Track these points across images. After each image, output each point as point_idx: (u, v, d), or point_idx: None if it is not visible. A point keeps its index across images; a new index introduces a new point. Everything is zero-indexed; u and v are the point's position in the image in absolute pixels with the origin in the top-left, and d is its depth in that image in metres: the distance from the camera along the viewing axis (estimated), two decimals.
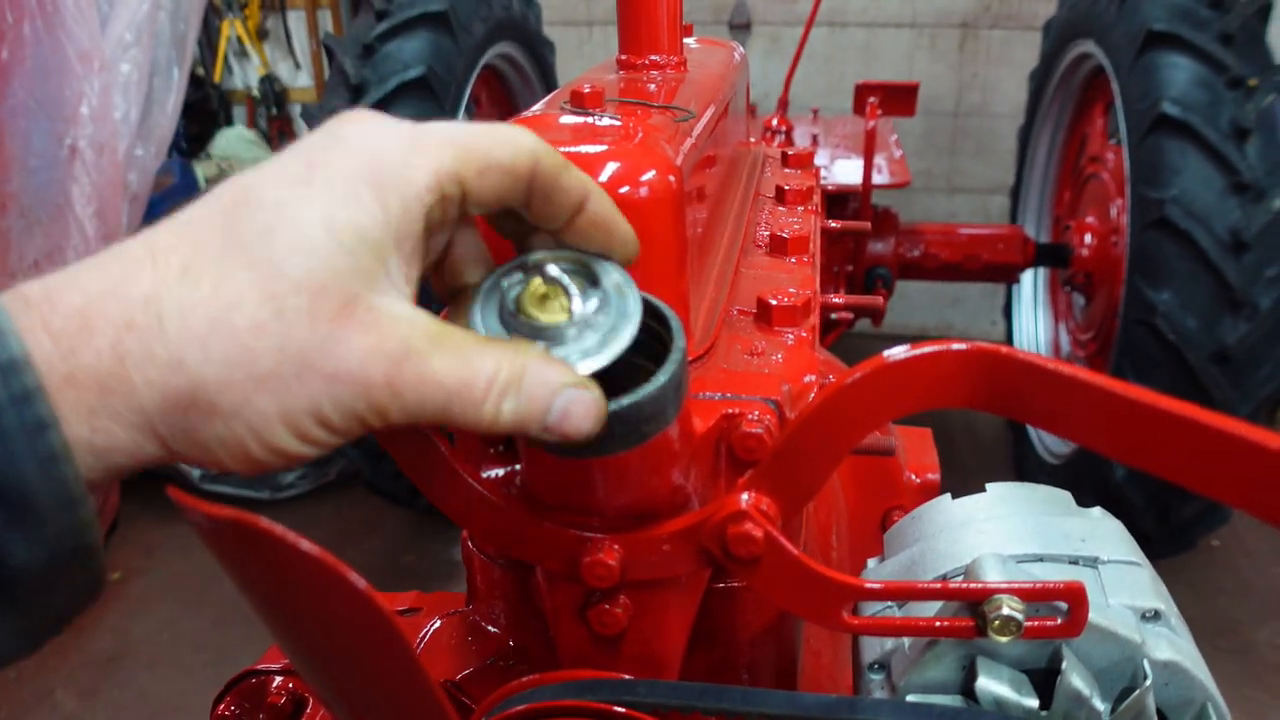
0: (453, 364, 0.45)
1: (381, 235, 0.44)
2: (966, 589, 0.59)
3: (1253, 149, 2.39)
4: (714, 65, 1.08)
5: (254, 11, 5.14)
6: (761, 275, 0.90)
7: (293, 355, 0.42)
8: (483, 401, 0.46)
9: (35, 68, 3.05)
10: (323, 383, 0.43)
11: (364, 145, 0.46)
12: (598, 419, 0.50)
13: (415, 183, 0.46)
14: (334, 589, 0.39)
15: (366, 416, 0.44)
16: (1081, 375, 0.56)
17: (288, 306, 0.42)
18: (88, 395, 0.40)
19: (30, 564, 0.39)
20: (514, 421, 0.47)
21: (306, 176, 0.45)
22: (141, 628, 2.97)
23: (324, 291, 0.42)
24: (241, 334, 0.41)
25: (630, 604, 0.66)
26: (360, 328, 0.43)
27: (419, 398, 0.45)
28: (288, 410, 0.43)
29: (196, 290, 0.42)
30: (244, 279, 0.42)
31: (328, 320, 0.43)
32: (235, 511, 0.39)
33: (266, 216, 0.43)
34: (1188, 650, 0.65)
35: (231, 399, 0.42)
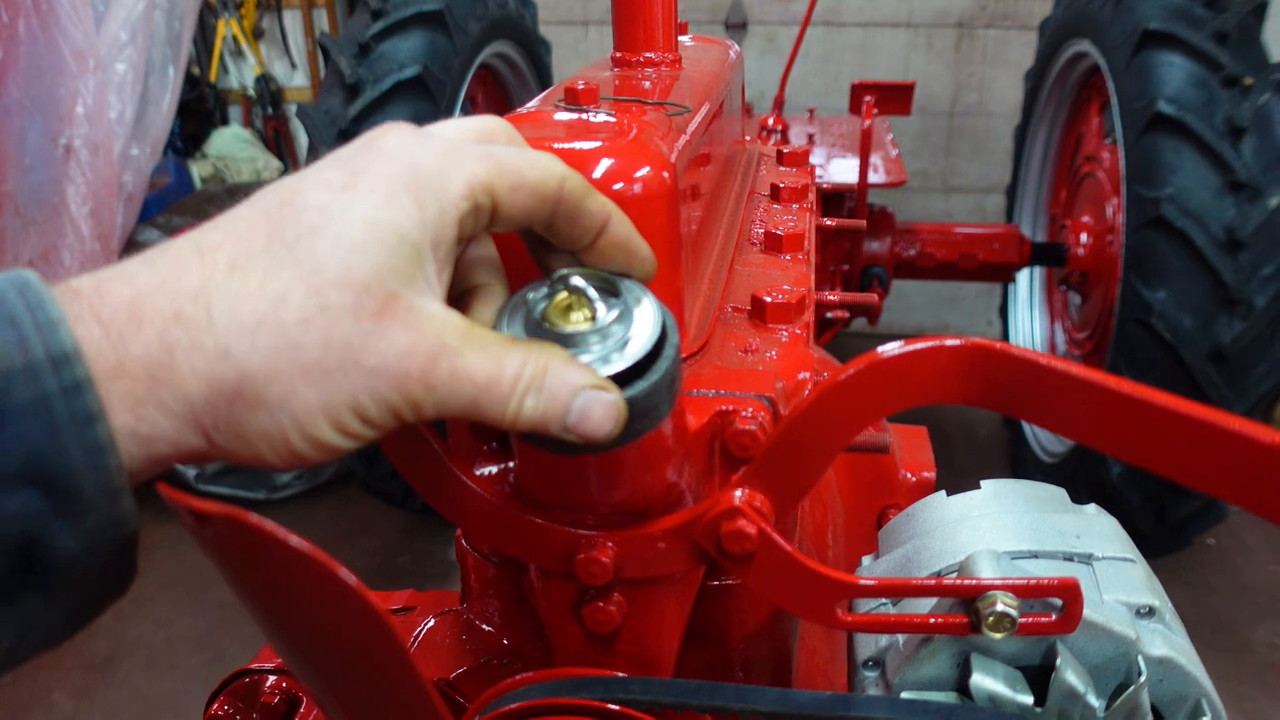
0: (483, 361, 0.47)
1: (419, 237, 0.46)
2: (960, 585, 0.59)
3: (1248, 148, 2.39)
4: (709, 63, 1.08)
5: (249, 11, 5.13)
6: (756, 272, 0.90)
7: (337, 348, 0.44)
8: (508, 398, 0.48)
9: (30, 67, 3.04)
10: (364, 376, 0.44)
11: (403, 154, 0.48)
12: (617, 421, 0.51)
13: (451, 190, 0.48)
14: (324, 585, 0.39)
15: (401, 409, 0.46)
16: (1076, 370, 0.56)
17: (332, 302, 0.44)
18: (135, 385, 0.41)
19: (73, 553, 0.40)
20: (535, 419, 0.49)
21: (348, 182, 0.46)
22: (138, 628, 2.96)
23: (367, 289, 0.44)
24: (288, 327, 0.43)
25: (624, 601, 0.66)
26: (401, 324, 0.45)
27: (450, 392, 0.47)
28: (329, 402, 0.44)
29: (244, 285, 0.43)
30: (290, 275, 0.44)
31: (371, 316, 0.44)
32: (225, 507, 0.38)
33: (311, 217, 0.45)
34: (1182, 646, 0.65)
35: (278, 390, 0.43)
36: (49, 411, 0.38)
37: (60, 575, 0.40)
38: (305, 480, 3.64)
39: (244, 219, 0.46)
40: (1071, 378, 0.56)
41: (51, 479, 0.39)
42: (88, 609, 0.43)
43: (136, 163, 3.55)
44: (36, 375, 0.38)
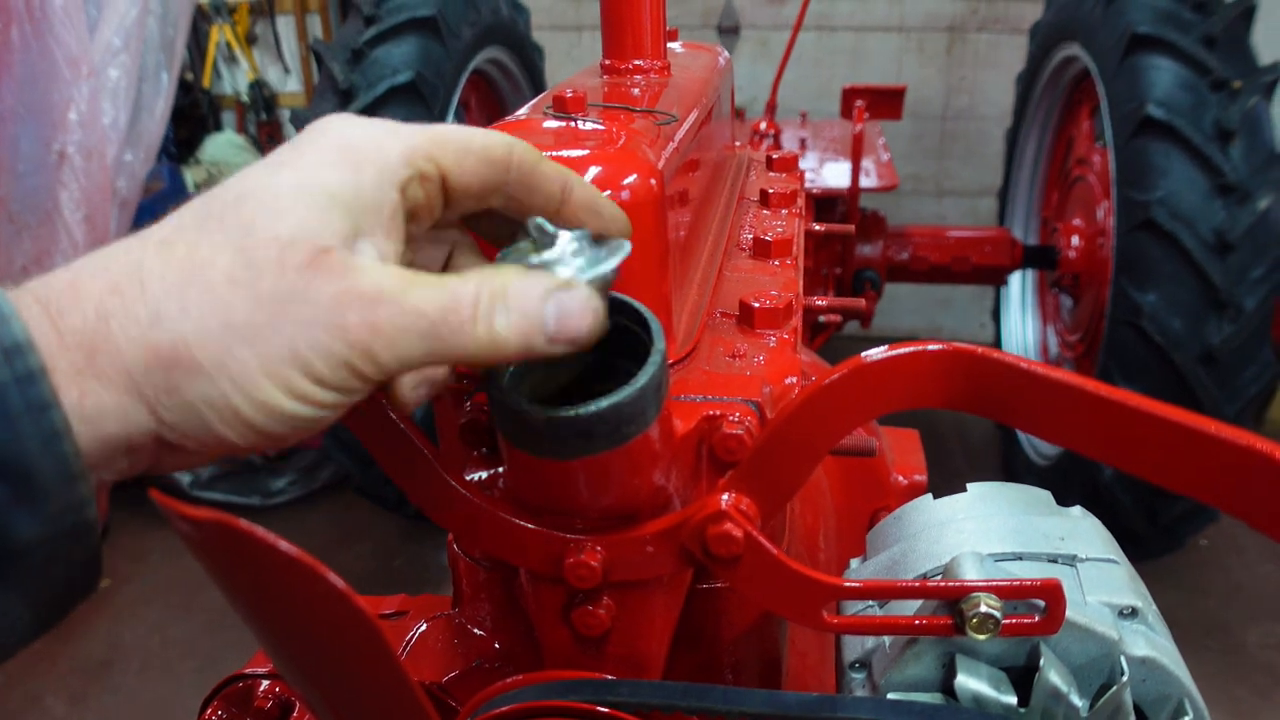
0: (431, 294, 0.46)
1: (352, 198, 0.47)
2: (944, 587, 0.60)
3: (1237, 151, 2.41)
4: (698, 69, 1.09)
5: (243, 17, 5.14)
6: (744, 278, 0.90)
7: (266, 303, 0.43)
8: (471, 321, 0.47)
9: (23, 73, 3.04)
10: (299, 328, 0.44)
11: (342, 131, 0.49)
12: (596, 313, 0.50)
13: (389, 155, 0.48)
14: (313, 590, 0.40)
15: (353, 361, 0.45)
16: (1059, 375, 0.57)
17: (257, 258, 0.44)
18: (75, 356, 0.41)
19: (33, 540, 0.40)
20: (514, 336, 0.48)
21: (283, 160, 0.48)
22: (131, 633, 2.96)
23: (292, 243, 0.44)
24: (216, 287, 0.43)
25: (613, 605, 0.66)
26: (331, 274, 0.45)
27: (400, 329, 0.45)
28: (268, 359, 0.43)
29: (173, 254, 0.44)
30: (218, 240, 0.44)
31: (296, 269, 0.44)
32: (215, 513, 0.39)
33: (239, 189, 0.46)
34: (1165, 647, 0.66)
35: (212, 351, 0.43)
36: (4, 401, 0.39)
37: (21, 564, 0.40)
38: (301, 486, 3.64)
39: (184, 209, 0.47)
40: (1052, 382, 0.57)
41: (8, 466, 0.39)
42: (54, 604, 0.43)
43: (130, 168, 3.55)
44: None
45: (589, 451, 0.55)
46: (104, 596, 3.13)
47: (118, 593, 3.15)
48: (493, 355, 0.48)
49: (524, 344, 0.48)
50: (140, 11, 3.42)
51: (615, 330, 0.59)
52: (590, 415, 0.53)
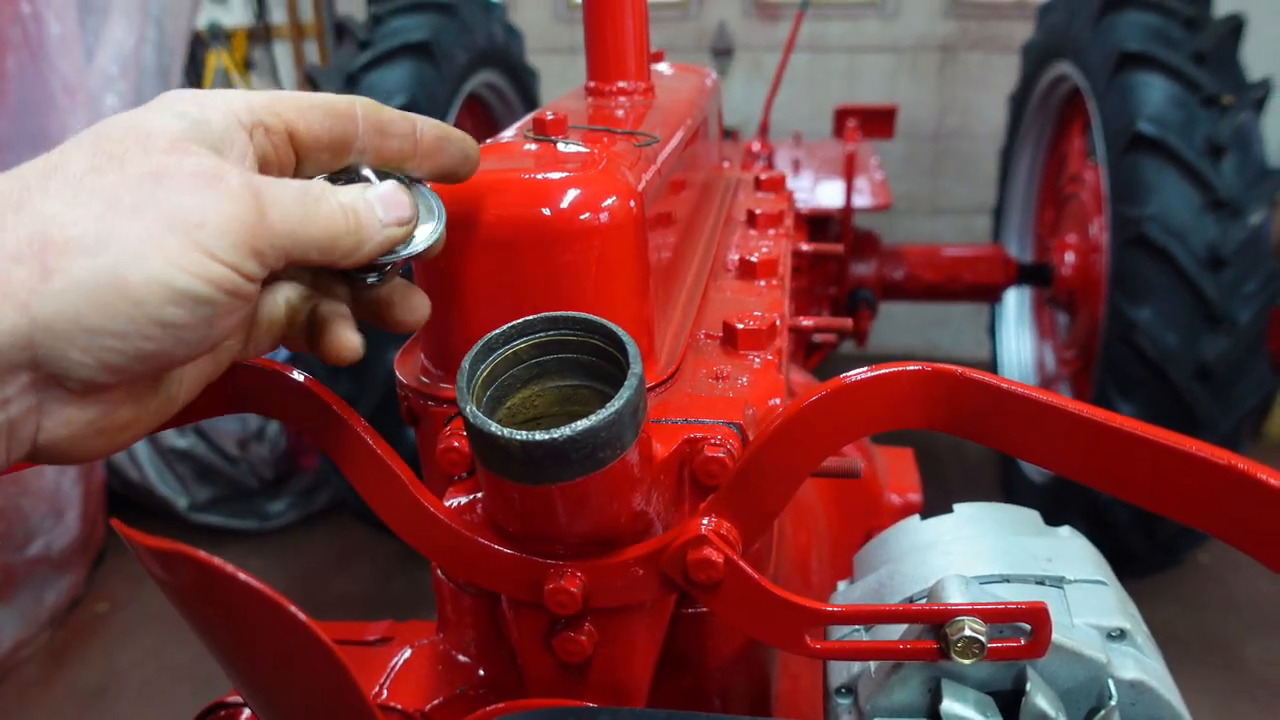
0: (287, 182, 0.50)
1: (206, 130, 0.48)
2: (928, 611, 0.59)
3: (1228, 166, 2.41)
4: (683, 91, 1.09)
5: (240, 43, 5.16)
6: (729, 299, 0.90)
7: (135, 179, 0.43)
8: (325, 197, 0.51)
9: (20, 101, 3.05)
10: (183, 194, 0.43)
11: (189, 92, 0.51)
12: (409, 194, 0.57)
13: (231, 102, 0.50)
14: (274, 621, 0.39)
15: (244, 233, 0.45)
16: (1039, 396, 0.56)
17: (116, 149, 0.44)
18: None
19: None
20: (357, 208, 0.52)
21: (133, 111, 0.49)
22: (128, 659, 2.94)
23: (150, 136, 0.45)
24: (80, 176, 0.42)
25: (595, 631, 0.66)
26: (198, 154, 0.46)
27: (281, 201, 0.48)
28: (155, 230, 0.42)
29: (28, 165, 0.43)
30: (70, 148, 0.44)
31: (163, 151, 0.45)
32: (176, 545, 0.38)
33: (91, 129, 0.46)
34: (1155, 669, 0.65)
35: (90, 227, 0.41)
36: None
37: None
38: (298, 509, 3.63)
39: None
40: (1034, 403, 0.56)
41: None
42: None
43: None
44: None
45: (566, 477, 0.55)
46: (101, 621, 3.11)
47: (114, 617, 3.13)
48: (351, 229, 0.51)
49: (369, 220, 0.53)
50: (137, 39, 3.44)
51: (592, 353, 0.59)
52: (565, 439, 0.52)
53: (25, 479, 2.90)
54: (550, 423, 0.59)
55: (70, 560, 3.13)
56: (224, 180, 0.45)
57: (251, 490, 3.62)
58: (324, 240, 0.50)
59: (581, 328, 0.58)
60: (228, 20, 5.17)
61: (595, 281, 0.67)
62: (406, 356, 0.77)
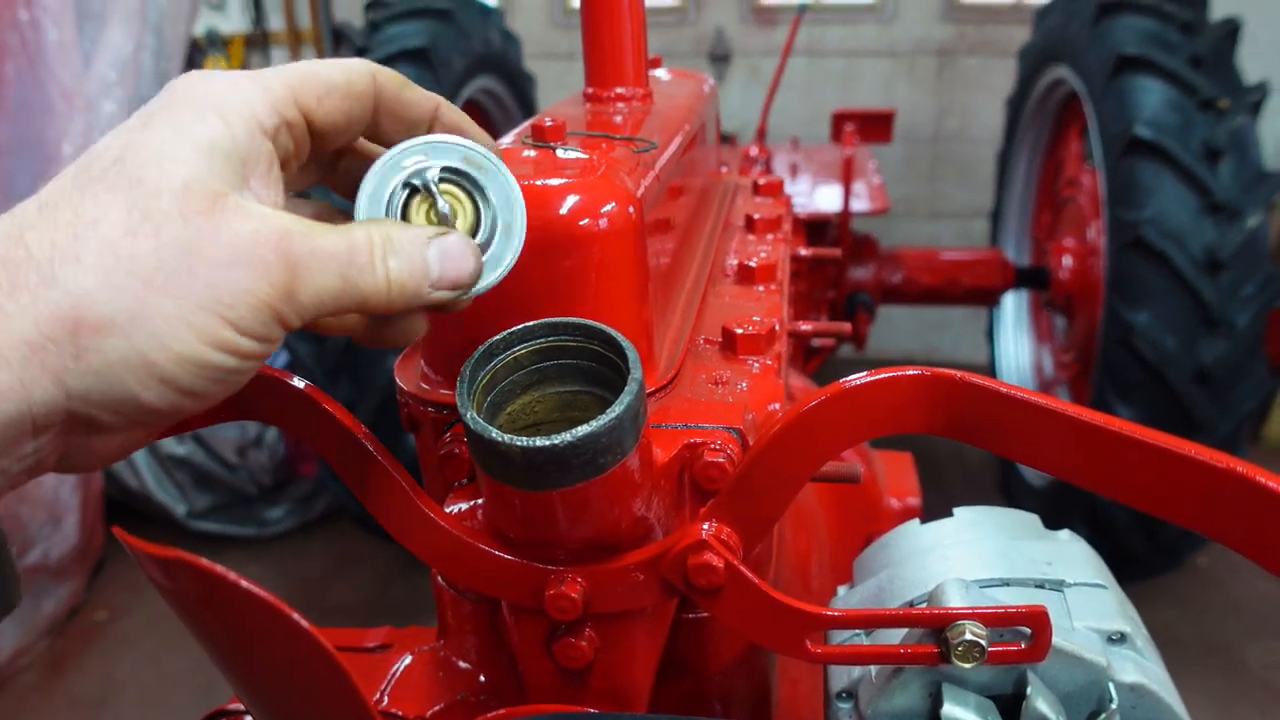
0: (334, 237, 0.47)
1: (232, 149, 0.45)
2: (929, 615, 0.59)
3: (1225, 169, 2.42)
4: (681, 96, 1.09)
5: (237, 49, 5.17)
6: (728, 304, 0.90)
7: (174, 250, 0.41)
8: (373, 263, 0.48)
9: (18, 108, 3.05)
10: (216, 270, 0.42)
11: (200, 85, 0.47)
12: (476, 256, 0.52)
13: (254, 106, 0.47)
14: (277, 627, 0.39)
15: (273, 303, 0.44)
16: (1038, 400, 0.56)
17: (154, 209, 0.42)
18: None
19: None
20: (405, 279, 0.49)
21: (147, 120, 0.46)
22: (127, 668, 2.93)
23: (189, 189, 0.43)
24: (114, 241, 0.41)
25: (596, 637, 0.66)
26: (236, 216, 0.44)
27: (316, 268, 0.45)
28: (187, 308, 0.41)
29: (58, 217, 0.41)
30: (104, 198, 0.42)
31: (200, 213, 0.43)
32: (179, 552, 0.38)
33: (116, 152, 0.44)
34: (1155, 673, 0.65)
35: (123, 305, 0.40)
36: None
37: None
38: (297, 516, 3.62)
39: (59, 175, 0.45)
40: (1033, 407, 0.56)
41: None
42: None
43: None
44: None
45: (566, 482, 0.55)
46: (100, 630, 3.10)
47: (114, 626, 3.12)
48: (390, 299, 0.49)
49: (415, 288, 0.50)
50: (135, 45, 3.44)
51: (592, 359, 0.59)
52: (565, 445, 0.52)
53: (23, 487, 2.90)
54: (551, 428, 0.59)
55: (69, 568, 3.13)
56: (258, 250, 0.43)
57: (250, 497, 3.61)
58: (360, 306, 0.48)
59: (581, 333, 0.59)
60: (225, 27, 5.18)
61: (595, 287, 0.67)
62: (406, 362, 0.77)
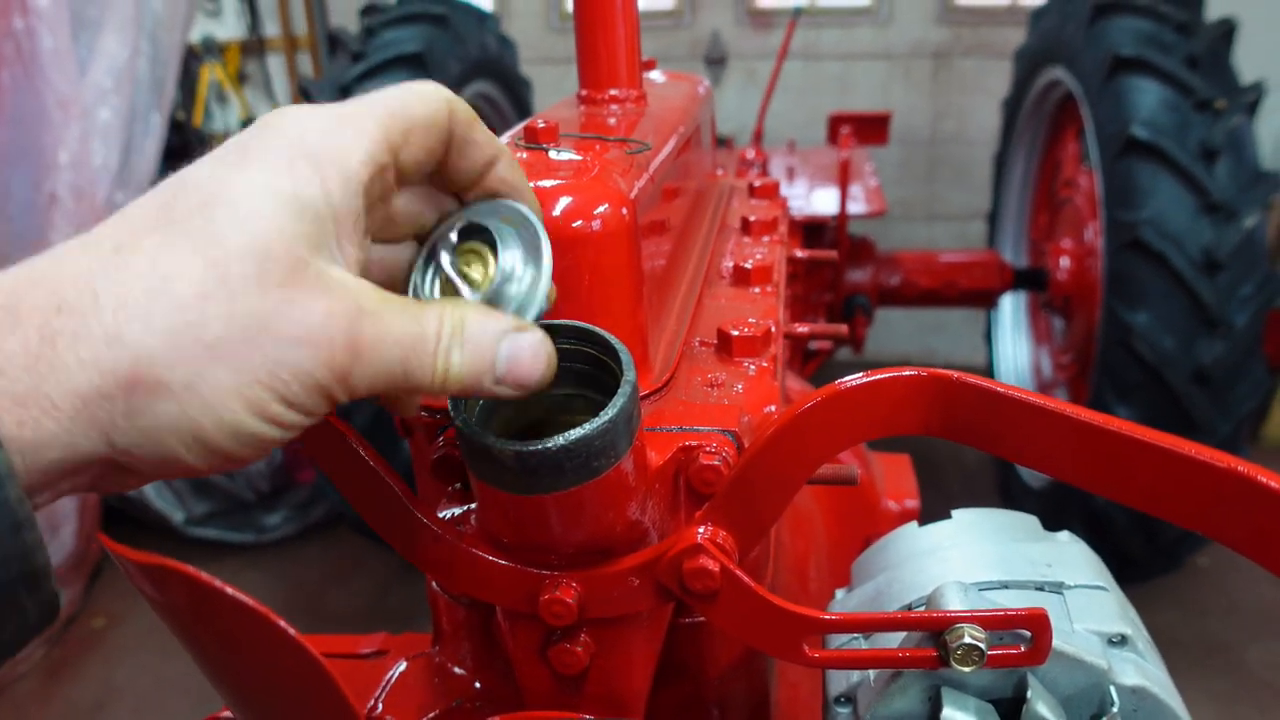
0: (404, 321, 0.46)
1: (323, 208, 0.44)
2: (927, 618, 0.59)
3: (1222, 169, 2.42)
4: (675, 99, 1.09)
5: (233, 56, 5.17)
6: (724, 306, 0.89)
7: (243, 320, 0.40)
8: (434, 355, 0.46)
9: (14, 116, 3.05)
10: (281, 347, 0.41)
11: (295, 127, 0.46)
12: (549, 360, 0.50)
13: (350, 158, 0.46)
14: (265, 636, 0.38)
15: (328, 384, 0.43)
16: (1035, 400, 0.56)
17: (232, 273, 0.40)
18: (13, 384, 0.37)
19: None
20: (465, 373, 0.47)
21: (241, 158, 0.44)
22: (125, 674, 2.93)
23: (270, 256, 0.41)
24: (187, 303, 0.40)
25: (591, 642, 0.65)
26: (314, 290, 0.42)
27: (378, 356, 0.44)
28: (244, 382, 0.41)
29: (132, 265, 0.40)
30: (183, 250, 0.40)
31: (277, 284, 0.41)
32: (164, 560, 0.38)
33: (203, 194, 0.42)
34: (1156, 675, 0.64)
35: (182, 372, 0.39)
36: None
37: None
38: (295, 522, 3.62)
39: (134, 206, 0.43)
40: (1029, 406, 0.56)
41: None
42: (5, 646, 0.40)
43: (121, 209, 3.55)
44: None
45: (559, 486, 0.54)
46: (97, 636, 3.09)
47: (111, 633, 3.11)
48: (442, 390, 0.47)
49: (474, 383, 0.48)
50: (130, 53, 3.44)
51: (586, 362, 0.59)
52: (558, 449, 0.52)
53: None
54: (544, 432, 0.59)
55: (66, 575, 3.12)
56: (328, 331, 0.42)
57: (248, 503, 3.60)
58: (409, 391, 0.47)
59: (575, 336, 0.58)
60: (221, 33, 5.18)
61: (588, 289, 0.66)
62: None
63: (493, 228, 0.53)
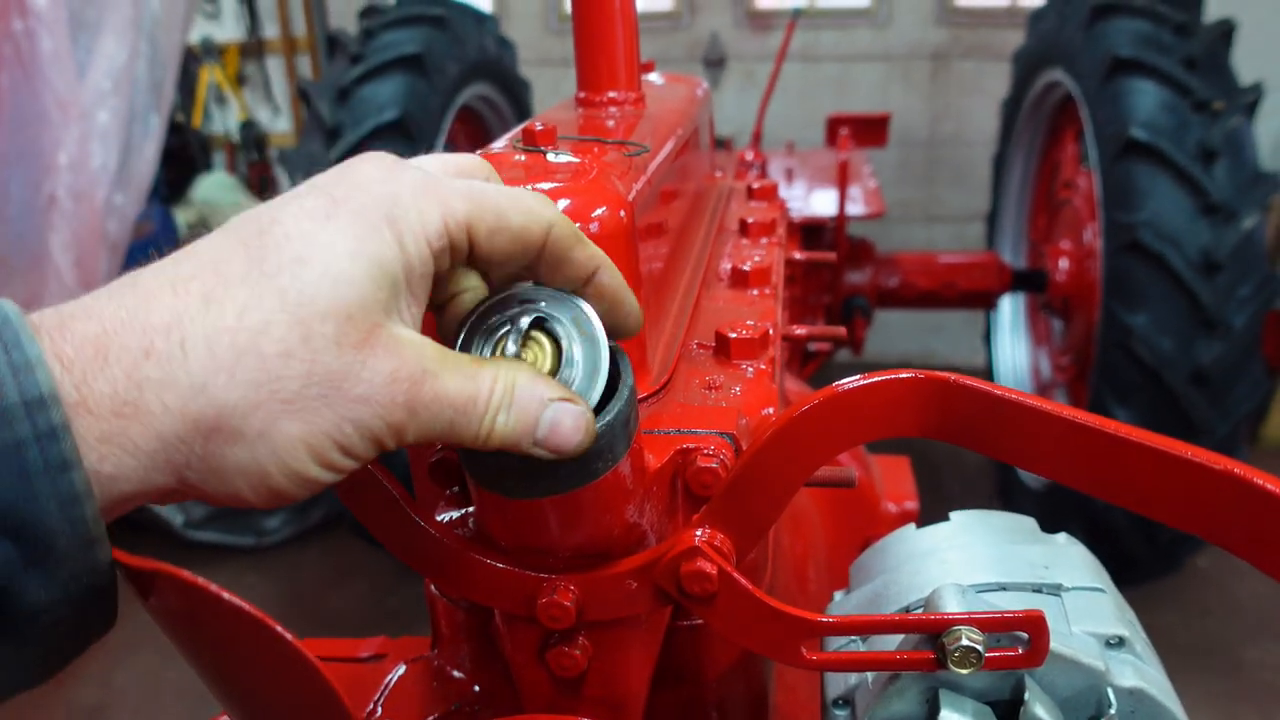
0: (460, 382, 0.48)
1: (398, 270, 0.46)
2: (925, 621, 0.59)
3: (1221, 170, 2.42)
4: (674, 101, 1.09)
5: (232, 58, 5.17)
6: (722, 308, 0.90)
7: (320, 379, 0.43)
8: (482, 416, 0.49)
9: (13, 117, 3.05)
10: (348, 405, 0.44)
11: (383, 185, 0.48)
12: (587, 431, 0.51)
13: (430, 225, 0.47)
14: (262, 642, 0.38)
15: (384, 437, 0.46)
16: (1034, 402, 0.56)
17: (315, 333, 0.43)
18: (100, 423, 0.40)
19: (45, 603, 0.39)
20: (506, 436, 0.50)
21: (330, 211, 0.46)
22: (125, 676, 2.92)
23: (351, 319, 0.44)
24: (270, 360, 0.42)
25: (589, 645, 0.65)
26: (383, 353, 0.45)
27: (432, 415, 0.47)
28: (312, 434, 0.44)
29: (221, 318, 0.42)
30: (272, 306, 0.43)
31: (353, 346, 0.44)
32: (160, 564, 0.38)
33: (294, 248, 0.44)
34: (1154, 677, 0.64)
35: (258, 423, 0.42)
36: (21, 458, 0.37)
37: (30, 625, 0.39)
38: (294, 525, 3.61)
39: (219, 248, 0.45)
40: (1029, 409, 0.56)
41: (22, 528, 0.37)
42: (62, 655, 0.42)
43: (120, 211, 3.55)
44: (10, 420, 0.37)
45: (558, 490, 0.54)
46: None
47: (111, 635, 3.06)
48: (485, 445, 0.50)
49: (513, 444, 0.50)
50: (129, 54, 3.44)
51: None
52: None
53: None
54: None
55: None
56: (391, 392, 0.45)
57: None
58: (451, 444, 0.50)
59: None
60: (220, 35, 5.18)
61: None
62: None
63: (564, 335, 0.54)
